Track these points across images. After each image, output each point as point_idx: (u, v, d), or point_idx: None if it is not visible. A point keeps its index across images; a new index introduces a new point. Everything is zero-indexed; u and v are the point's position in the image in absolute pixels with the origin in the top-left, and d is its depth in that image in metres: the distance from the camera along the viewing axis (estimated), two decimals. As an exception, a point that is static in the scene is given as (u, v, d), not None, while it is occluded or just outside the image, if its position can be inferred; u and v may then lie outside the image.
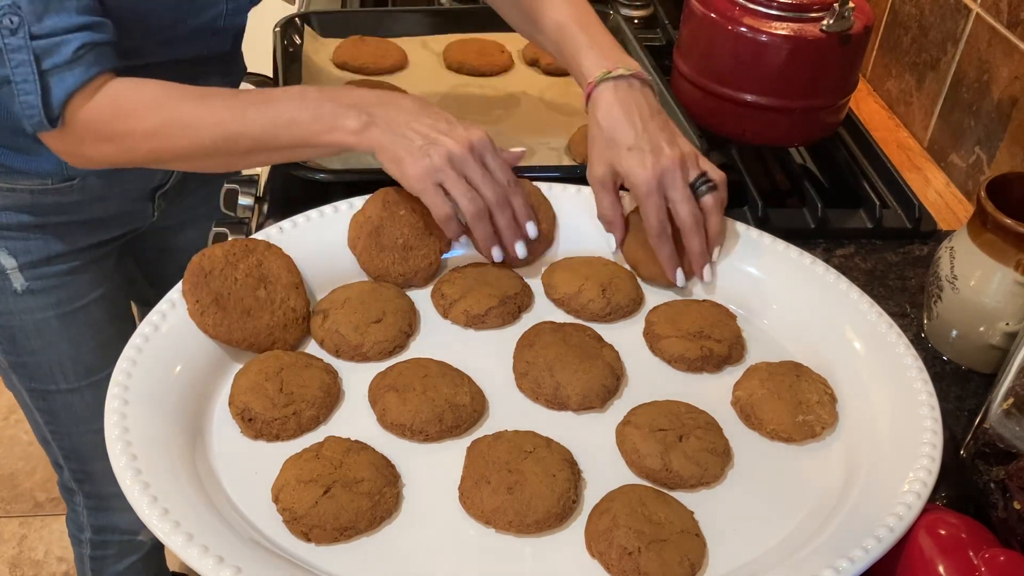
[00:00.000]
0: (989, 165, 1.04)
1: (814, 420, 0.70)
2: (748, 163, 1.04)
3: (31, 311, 1.02)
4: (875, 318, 0.76)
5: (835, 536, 0.61)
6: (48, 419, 1.13)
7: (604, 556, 0.61)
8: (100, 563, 1.29)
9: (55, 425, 1.13)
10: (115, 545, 1.27)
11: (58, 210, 0.99)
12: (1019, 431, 0.65)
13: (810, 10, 0.96)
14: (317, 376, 0.71)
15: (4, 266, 0.99)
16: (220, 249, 0.74)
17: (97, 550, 1.28)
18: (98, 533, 1.25)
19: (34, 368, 1.07)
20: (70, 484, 1.22)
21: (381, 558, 0.61)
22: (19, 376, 1.09)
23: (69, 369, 1.07)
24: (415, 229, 0.82)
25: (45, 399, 1.10)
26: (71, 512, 1.27)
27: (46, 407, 1.11)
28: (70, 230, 1.01)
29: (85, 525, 1.25)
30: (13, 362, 1.07)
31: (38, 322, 1.03)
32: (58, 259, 1.02)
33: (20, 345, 1.05)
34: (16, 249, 0.99)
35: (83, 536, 1.27)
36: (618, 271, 0.83)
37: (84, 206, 1.00)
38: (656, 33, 1.34)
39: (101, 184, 0.99)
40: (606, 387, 0.72)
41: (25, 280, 1.00)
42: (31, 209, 0.97)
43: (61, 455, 1.17)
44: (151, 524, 0.58)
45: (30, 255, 0.99)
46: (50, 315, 1.03)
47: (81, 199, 0.99)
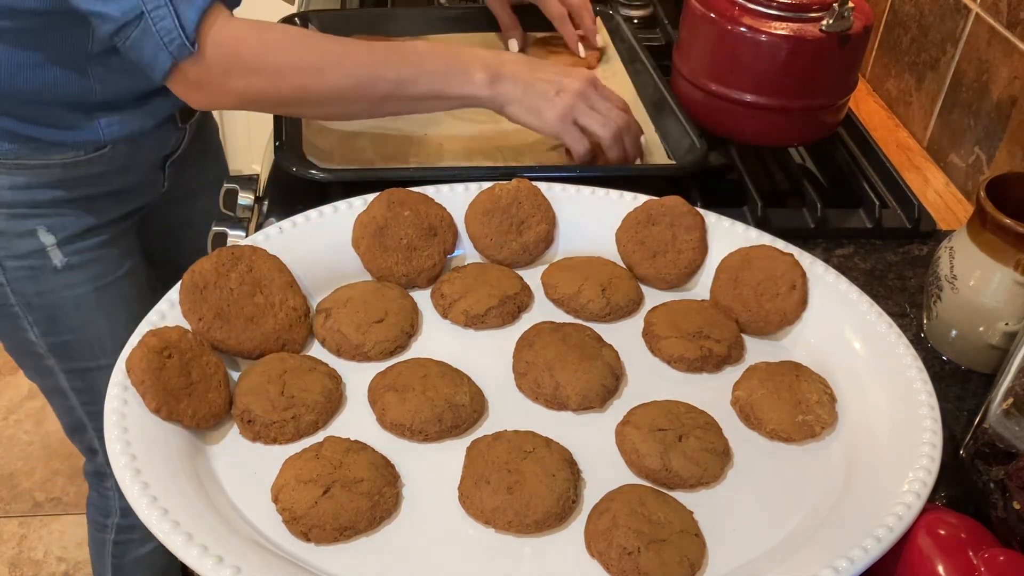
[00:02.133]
0: (988, 165, 1.04)
1: (814, 420, 0.70)
2: (748, 163, 1.04)
3: (71, 287, 1.05)
4: (875, 318, 0.76)
5: (835, 536, 0.61)
6: (87, 399, 1.14)
7: (604, 556, 0.61)
8: (124, 547, 1.31)
9: (94, 404, 1.15)
10: (141, 528, 1.28)
11: (87, 182, 1.02)
12: (1019, 431, 0.65)
13: (810, 10, 0.96)
14: (320, 381, 0.71)
15: (44, 243, 1.02)
16: (208, 262, 0.74)
17: (123, 534, 1.30)
18: (126, 516, 1.28)
19: (75, 346, 1.09)
20: (103, 468, 1.23)
21: (381, 558, 0.61)
22: (58, 357, 1.11)
23: (108, 344, 1.10)
24: (419, 230, 0.82)
25: (84, 378, 1.12)
26: (98, 498, 1.29)
27: (85, 386, 1.13)
28: (98, 202, 1.05)
29: (114, 509, 1.27)
30: (53, 343, 1.09)
31: (77, 298, 1.06)
32: (90, 233, 1.05)
33: (60, 324, 1.07)
34: (53, 225, 1.02)
35: (109, 521, 1.29)
36: (617, 271, 0.83)
37: (109, 177, 1.03)
38: (656, 33, 1.34)
39: (127, 152, 1.03)
40: (606, 387, 0.72)
41: (64, 256, 1.03)
42: (62, 184, 1.00)
43: (96, 438, 1.19)
44: (150, 524, 0.58)
45: (66, 230, 1.02)
46: (88, 289, 1.06)
47: (107, 169, 1.02)
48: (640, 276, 0.84)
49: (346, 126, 1.03)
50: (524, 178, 0.86)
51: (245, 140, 2.35)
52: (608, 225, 0.86)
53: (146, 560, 1.32)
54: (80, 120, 0.92)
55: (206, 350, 0.70)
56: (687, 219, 0.84)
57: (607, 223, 0.86)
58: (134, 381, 0.65)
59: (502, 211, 0.84)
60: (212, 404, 0.68)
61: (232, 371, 0.73)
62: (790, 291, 0.79)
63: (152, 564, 1.34)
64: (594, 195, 0.88)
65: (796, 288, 0.79)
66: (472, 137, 1.04)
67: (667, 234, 0.84)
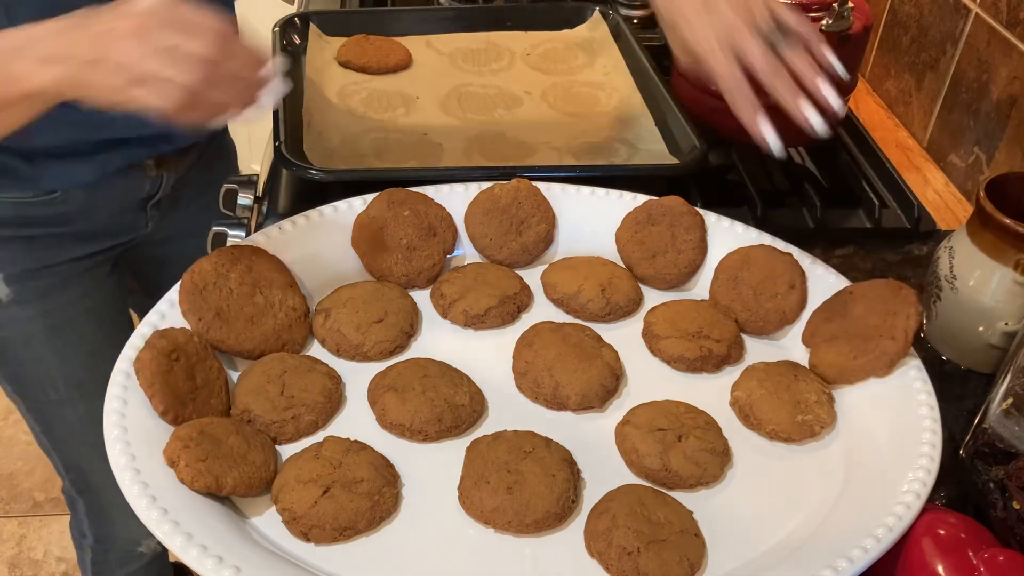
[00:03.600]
0: (988, 165, 1.04)
1: (813, 420, 0.70)
2: (748, 163, 1.04)
3: (18, 322, 1.00)
4: (874, 318, 0.76)
5: (834, 536, 0.61)
6: (43, 429, 1.12)
7: (603, 556, 0.61)
8: (102, 567, 1.29)
9: (50, 436, 1.12)
10: (115, 552, 1.27)
11: (45, 222, 0.96)
12: (1018, 431, 0.65)
13: (809, 10, 0.96)
14: (320, 381, 0.71)
15: None
16: (208, 262, 0.74)
17: (99, 555, 1.28)
18: (99, 542, 1.25)
19: (24, 379, 1.06)
20: (71, 492, 1.21)
21: (380, 558, 0.61)
22: (12, 387, 1.07)
23: (59, 381, 1.05)
24: (419, 230, 0.82)
25: (39, 411, 1.09)
26: (74, 518, 1.27)
27: (40, 418, 1.10)
28: (58, 242, 0.98)
29: (87, 532, 1.25)
30: (5, 374, 1.06)
31: (25, 334, 1.01)
32: (45, 271, 0.99)
33: (9, 356, 1.03)
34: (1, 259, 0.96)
35: (85, 543, 1.27)
36: (617, 271, 0.83)
37: (72, 218, 0.97)
38: (656, 33, 1.33)
39: (85, 196, 0.96)
40: (605, 387, 0.72)
41: (10, 291, 0.98)
42: (16, 221, 0.94)
43: (61, 464, 1.17)
44: (150, 524, 0.58)
45: (15, 266, 0.97)
46: (37, 327, 1.01)
47: (67, 211, 0.96)
48: (640, 276, 0.84)
49: (347, 127, 1.03)
50: (524, 178, 0.86)
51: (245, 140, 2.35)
52: (608, 225, 0.86)
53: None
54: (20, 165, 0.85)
55: (209, 354, 0.70)
56: (687, 219, 0.84)
57: (607, 223, 0.86)
58: (143, 383, 0.65)
59: (502, 211, 0.84)
60: (214, 410, 0.68)
61: (232, 371, 0.73)
62: (789, 291, 0.79)
63: None
64: (594, 195, 0.88)
65: (796, 288, 0.79)
66: (471, 137, 1.04)
67: (667, 234, 0.84)
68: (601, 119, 1.09)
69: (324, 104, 1.07)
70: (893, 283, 0.74)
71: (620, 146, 1.03)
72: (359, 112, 1.06)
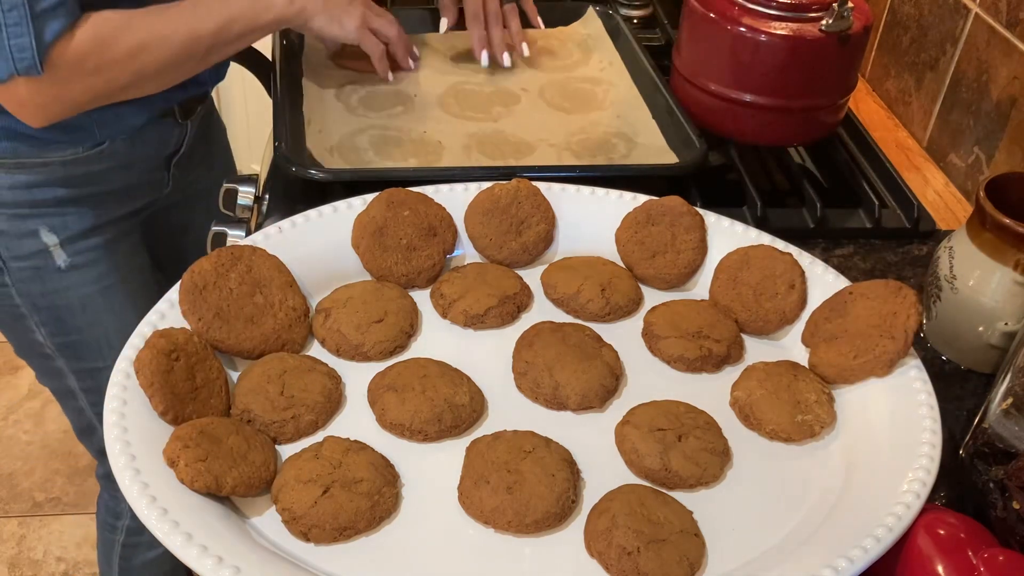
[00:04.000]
0: (988, 165, 1.04)
1: (813, 420, 0.70)
2: (747, 163, 1.04)
3: (75, 287, 1.06)
4: (874, 318, 0.76)
5: (834, 536, 0.61)
6: (95, 400, 1.14)
7: (603, 556, 0.61)
8: (132, 550, 1.31)
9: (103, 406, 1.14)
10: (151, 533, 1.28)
11: (88, 181, 1.02)
12: (1018, 431, 0.65)
13: (809, 10, 0.96)
14: (319, 381, 0.71)
15: (46, 244, 1.02)
16: (208, 262, 0.74)
17: (132, 536, 1.30)
18: (137, 520, 1.26)
19: (82, 346, 1.10)
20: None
21: (380, 558, 0.61)
22: (66, 358, 1.11)
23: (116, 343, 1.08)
24: (419, 230, 0.82)
25: (94, 378, 1.12)
26: (110, 501, 1.29)
27: (95, 386, 1.13)
28: (101, 201, 1.05)
29: (124, 512, 1.27)
30: (60, 343, 1.09)
31: (83, 298, 1.06)
32: (93, 232, 1.05)
33: (67, 324, 1.07)
34: (55, 225, 1.02)
35: (119, 523, 1.29)
36: (617, 271, 0.83)
37: (111, 175, 1.04)
38: (655, 33, 1.34)
39: (126, 149, 1.03)
40: (605, 387, 0.72)
41: (67, 256, 1.04)
42: (64, 182, 1.00)
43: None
44: (150, 524, 0.58)
45: (68, 230, 1.03)
46: (93, 290, 1.07)
47: (108, 167, 1.03)
48: (640, 276, 0.84)
49: (345, 124, 1.04)
50: (524, 178, 0.86)
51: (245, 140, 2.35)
52: (608, 225, 0.86)
53: (153, 565, 1.32)
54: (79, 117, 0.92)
55: (209, 354, 0.70)
56: (687, 219, 0.84)
57: (607, 223, 0.86)
58: (143, 383, 0.65)
59: (502, 211, 0.84)
60: (214, 410, 0.68)
61: (231, 371, 0.73)
62: (789, 291, 0.79)
63: (160, 569, 1.33)
64: (594, 195, 0.88)
65: (795, 288, 0.79)
66: (470, 135, 1.04)
67: (667, 234, 0.84)
68: (598, 115, 1.09)
69: (323, 103, 1.07)
70: (893, 283, 0.74)
71: (618, 141, 1.04)
72: (358, 111, 1.07)
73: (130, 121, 1.01)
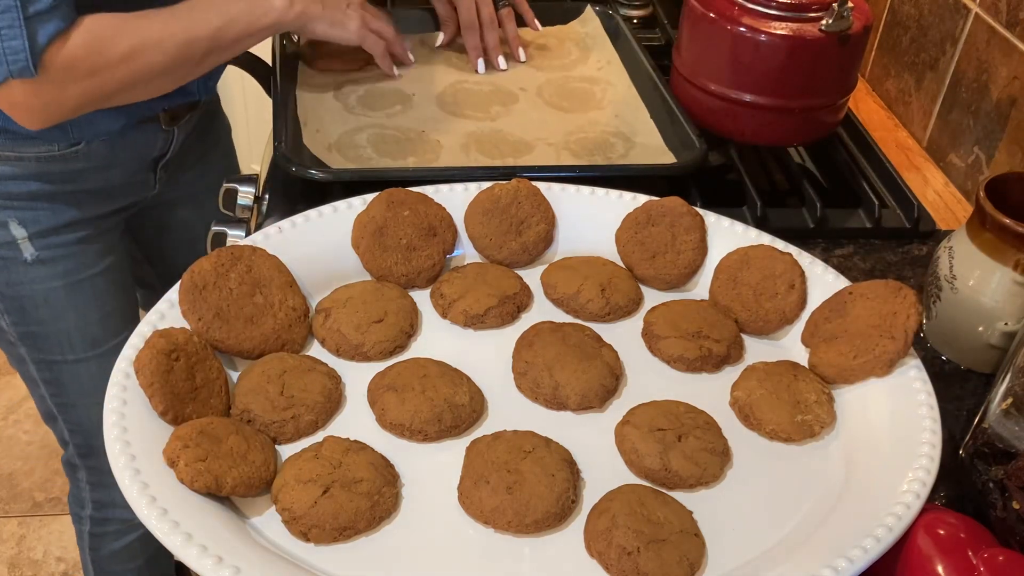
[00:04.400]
0: (988, 165, 1.04)
1: (813, 420, 0.70)
2: (747, 163, 1.04)
3: (40, 280, 1.05)
4: (874, 318, 0.76)
5: (834, 536, 0.61)
6: (54, 391, 1.14)
7: (603, 556, 0.61)
8: (99, 540, 1.30)
9: (61, 397, 1.15)
10: (115, 523, 1.29)
11: (65, 178, 1.01)
12: (1018, 431, 0.65)
13: (809, 10, 0.96)
14: (319, 381, 0.71)
15: (15, 236, 1.01)
16: (208, 262, 0.74)
17: (97, 527, 1.29)
18: (99, 509, 1.27)
19: (42, 338, 1.09)
20: (74, 459, 1.24)
21: (380, 558, 0.61)
22: (27, 347, 1.10)
23: (76, 339, 1.09)
24: (419, 230, 0.82)
25: (52, 370, 1.12)
26: (73, 488, 1.29)
27: (53, 378, 1.13)
28: (77, 199, 1.04)
29: (87, 501, 1.27)
30: (22, 332, 1.09)
31: (46, 291, 1.06)
32: (66, 228, 1.04)
33: (29, 315, 1.07)
34: (26, 219, 1.01)
35: (84, 513, 1.29)
36: (617, 271, 0.83)
37: (90, 174, 1.03)
38: (655, 33, 1.34)
39: (105, 151, 1.02)
40: (605, 387, 0.72)
41: (35, 250, 1.03)
42: (39, 177, 1.00)
43: (66, 429, 1.19)
44: (149, 524, 0.58)
45: (39, 224, 1.02)
46: (57, 285, 1.06)
47: (87, 166, 1.02)
48: (640, 277, 0.84)
49: (345, 125, 1.04)
50: (524, 178, 0.86)
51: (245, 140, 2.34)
52: (608, 225, 0.86)
53: (123, 554, 1.32)
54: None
55: (209, 354, 0.70)
56: (687, 220, 0.84)
57: (607, 223, 0.86)
58: (142, 383, 0.65)
59: (502, 211, 0.84)
60: (213, 410, 0.68)
61: (231, 371, 0.73)
62: (789, 291, 0.79)
63: (131, 558, 1.33)
64: (594, 195, 0.88)
65: (795, 288, 0.79)
66: (469, 134, 1.04)
67: (667, 235, 0.84)
68: (596, 114, 1.09)
69: (321, 103, 1.07)
70: (893, 283, 0.74)
71: (616, 141, 1.04)
72: (356, 110, 1.07)
73: (104, 126, 1.00)
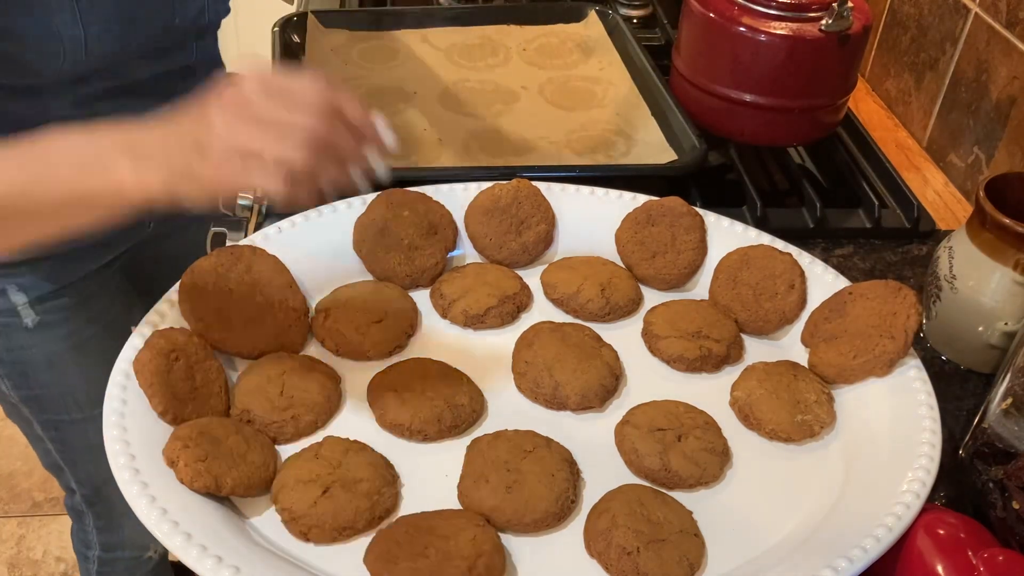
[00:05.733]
0: (988, 165, 1.04)
1: (812, 420, 0.70)
2: (747, 163, 1.04)
3: (42, 344, 1.00)
4: (874, 318, 0.76)
5: (834, 536, 0.61)
6: (60, 448, 1.11)
7: (603, 556, 0.61)
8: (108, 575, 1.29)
9: (68, 454, 1.12)
10: (123, 562, 1.27)
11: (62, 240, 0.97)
12: (1018, 431, 0.65)
13: (809, 10, 0.96)
14: (319, 381, 0.71)
15: (14, 303, 0.97)
16: (207, 262, 0.74)
17: (104, 567, 1.27)
18: (107, 551, 1.25)
19: (46, 401, 1.05)
20: (80, 507, 1.20)
21: (380, 558, 0.61)
22: (31, 409, 1.07)
23: (82, 399, 1.05)
24: (419, 229, 0.82)
25: (58, 429, 1.09)
26: (79, 530, 1.26)
27: (59, 437, 1.10)
28: (78, 256, 0.99)
29: (93, 543, 1.25)
30: (25, 396, 1.05)
31: (50, 355, 1.01)
32: (66, 290, 0.99)
33: (31, 379, 1.03)
34: (24, 284, 0.96)
35: (91, 553, 1.26)
36: (617, 271, 0.83)
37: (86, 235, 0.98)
38: (655, 33, 1.34)
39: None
40: (605, 387, 0.72)
41: (36, 315, 0.98)
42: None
43: (74, 480, 1.16)
44: (149, 524, 0.58)
45: (39, 289, 0.97)
46: (62, 347, 1.01)
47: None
48: (640, 276, 0.84)
49: None
50: (524, 178, 0.86)
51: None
52: (608, 225, 0.86)
53: None
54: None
55: (208, 355, 0.70)
56: (686, 220, 0.84)
57: (607, 223, 0.86)
58: (142, 383, 0.65)
59: (502, 211, 0.84)
60: (213, 410, 0.68)
61: (231, 371, 0.73)
62: (789, 291, 0.79)
63: None
64: (594, 195, 0.88)
65: (795, 288, 0.79)
66: (470, 132, 1.04)
67: (667, 235, 0.84)
68: (598, 112, 1.09)
69: None
70: (892, 283, 0.74)
71: (617, 139, 1.04)
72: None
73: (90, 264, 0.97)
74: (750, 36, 0.97)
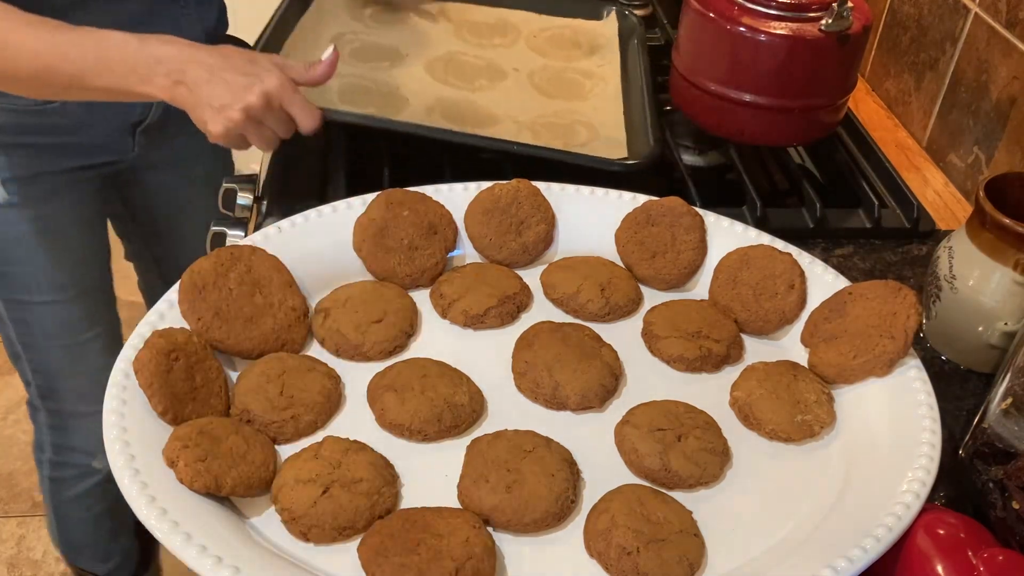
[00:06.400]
0: (987, 165, 1.04)
1: (812, 420, 0.70)
2: (747, 163, 1.04)
3: (12, 223, 1.08)
4: (874, 318, 0.76)
5: (834, 536, 0.61)
6: (21, 330, 1.17)
7: (603, 556, 0.61)
8: (59, 485, 1.32)
9: (27, 337, 1.18)
10: (73, 467, 1.31)
11: (40, 131, 1.03)
12: (1017, 431, 0.65)
13: (809, 10, 0.96)
14: (319, 381, 0.71)
15: None
16: (207, 262, 0.74)
17: (56, 471, 1.31)
18: (57, 453, 1.30)
19: (12, 278, 1.12)
20: (35, 400, 1.26)
21: (380, 558, 0.61)
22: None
23: (44, 282, 1.12)
24: (419, 229, 0.82)
25: (19, 309, 1.15)
26: (36, 433, 1.31)
27: (20, 317, 1.16)
28: (53, 152, 1.06)
29: (46, 444, 1.29)
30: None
31: (19, 234, 1.09)
32: (41, 178, 1.06)
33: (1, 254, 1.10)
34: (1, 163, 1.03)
35: (44, 457, 1.31)
36: (617, 271, 0.83)
37: (66, 131, 1.05)
38: (655, 33, 1.33)
39: (81, 111, 1.03)
40: (605, 387, 0.72)
41: (7, 194, 1.05)
42: (16, 128, 1.02)
43: (30, 368, 1.22)
44: (149, 524, 0.58)
45: (13, 170, 1.04)
46: (30, 228, 1.08)
47: (63, 123, 1.04)
48: (639, 276, 0.84)
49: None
50: (524, 179, 0.86)
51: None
52: (607, 225, 0.86)
53: (83, 500, 1.33)
54: None
55: (208, 355, 0.70)
56: (686, 219, 0.84)
57: (606, 223, 0.86)
58: (142, 383, 0.65)
59: (502, 211, 0.84)
60: (213, 410, 0.68)
61: (231, 371, 0.73)
62: (789, 291, 0.79)
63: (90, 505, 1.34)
64: (593, 195, 0.88)
65: (795, 288, 0.79)
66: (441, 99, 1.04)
67: (666, 235, 0.84)
68: (577, 104, 1.09)
69: (317, 47, 1.06)
70: (892, 283, 0.74)
71: (583, 130, 1.03)
72: (344, 59, 1.06)
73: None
74: (750, 36, 0.97)
